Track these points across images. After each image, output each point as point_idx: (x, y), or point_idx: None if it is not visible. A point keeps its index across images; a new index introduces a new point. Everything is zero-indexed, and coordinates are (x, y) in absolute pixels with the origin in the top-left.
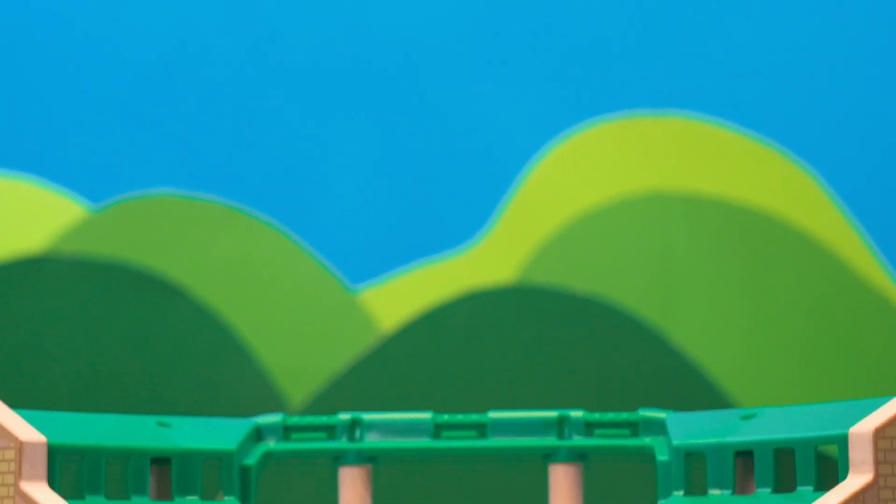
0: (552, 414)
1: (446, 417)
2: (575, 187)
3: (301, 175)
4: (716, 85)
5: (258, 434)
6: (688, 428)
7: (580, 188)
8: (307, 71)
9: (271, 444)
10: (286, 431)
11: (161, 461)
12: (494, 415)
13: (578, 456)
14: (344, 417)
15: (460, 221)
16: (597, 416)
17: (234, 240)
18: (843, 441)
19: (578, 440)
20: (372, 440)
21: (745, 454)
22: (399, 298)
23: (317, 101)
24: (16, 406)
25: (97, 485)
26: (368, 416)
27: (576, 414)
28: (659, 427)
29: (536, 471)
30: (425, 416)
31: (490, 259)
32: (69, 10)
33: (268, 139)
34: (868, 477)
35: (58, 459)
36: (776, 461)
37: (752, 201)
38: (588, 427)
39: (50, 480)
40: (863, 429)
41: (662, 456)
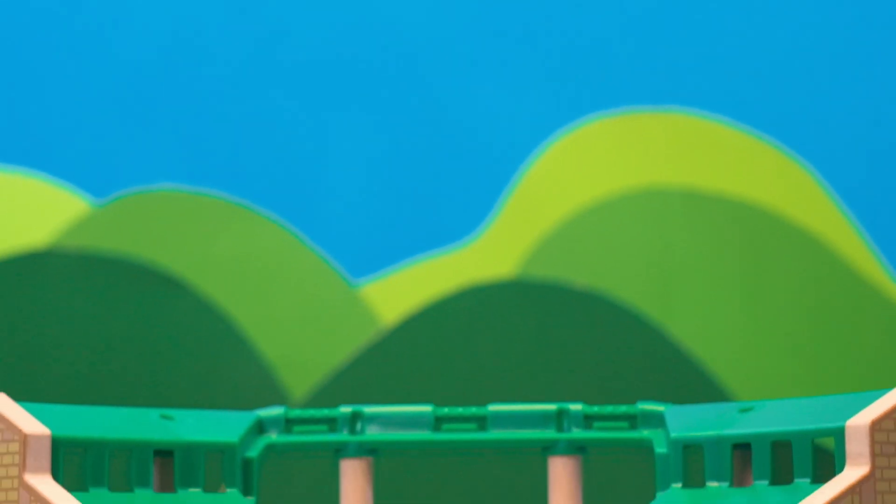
0: (551, 407)
1: (447, 410)
2: (574, 182)
3: (303, 170)
4: (714, 81)
5: (260, 427)
6: (686, 421)
7: (580, 183)
8: (309, 67)
9: (273, 437)
10: (288, 424)
11: (164, 454)
12: (494, 408)
13: (577, 448)
14: (345, 410)
15: (461, 216)
16: (596, 409)
17: (237, 234)
18: (840, 434)
19: (577, 433)
20: (373, 433)
21: (743, 447)
22: (400, 292)
23: (319, 97)
24: (20, 399)
25: (101, 477)
26: (369, 409)
27: (575, 407)
28: (657, 420)
29: (536, 463)
30: (426, 409)
31: (490, 253)
32: (72, 7)
33: (270, 135)
34: (864, 469)
35: (61, 452)
36: (773, 453)
37: (750, 197)
38: (587, 420)
39: (54, 473)
40: (859, 421)
41: (661, 448)
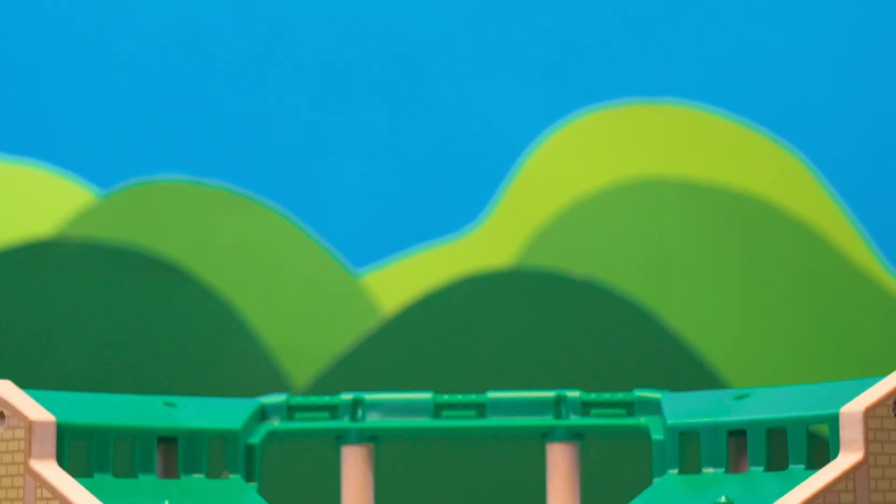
0: (550, 394)
1: (446, 397)
2: (572, 173)
3: (305, 162)
4: (711, 73)
5: (262, 414)
6: (682, 408)
7: (577, 174)
8: (311, 60)
9: (275, 424)
10: (290, 411)
11: (167, 440)
12: (493, 395)
13: (575, 435)
14: (346, 397)
15: (460, 207)
16: (593, 397)
17: (240, 224)
18: (834, 420)
19: (575, 420)
20: (374, 420)
21: (739, 433)
22: (400, 282)
23: (320, 90)
24: (25, 386)
25: (105, 463)
26: (370, 397)
27: (573, 394)
28: (654, 407)
29: (534, 449)
30: (426, 397)
31: (489, 243)
32: (75, 1)
33: (272, 126)
34: (858, 455)
35: (66, 438)
36: (769, 440)
37: (746, 187)
38: (585, 407)
39: (59, 459)
40: (853, 408)
41: (657, 435)
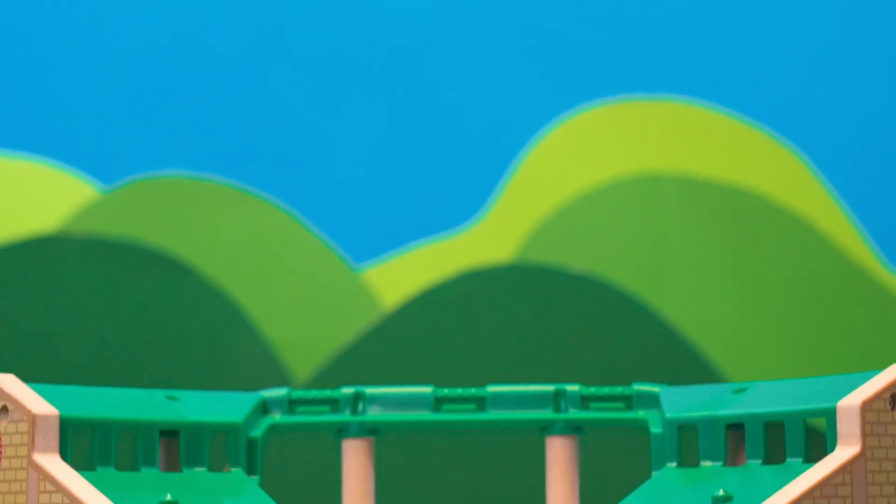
0: (549, 388)
1: (446, 391)
2: (571, 169)
3: (306, 158)
4: (709, 70)
5: (264, 407)
6: (680, 401)
7: (576, 170)
8: (312, 56)
9: (277, 417)
10: (291, 405)
11: (170, 433)
12: (493, 389)
13: (574, 428)
14: (347, 391)
15: (460, 202)
16: (592, 390)
17: (241, 220)
18: (832, 414)
19: (574, 413)
20: (374, 413)
21: (736, 427)
22: (401, 276)
23: (321, 86)
24: (29, 380)
25: (108, 456)
26: (371, 390)
27: (572, 388)
28: (652, 401)
29: (534, 443)
30: (426, 390)
31: (489, 239)
32: None
33: (274, 122)
34: (855, 449)
35: (69, 432)
36: (766, 434)
37: (744, 183)
38: (584, 401)
39: (62, 452)
40: (850, 402)
41: (656, 428)
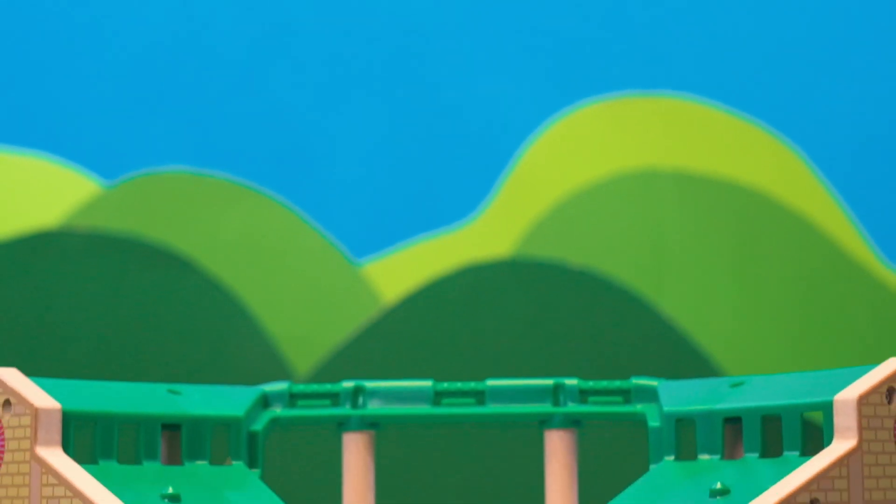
0: (548, 382)
1: (446, 385)
2: (570, 165)
3: (307, 153)
4: (707, 66)
5: (265, 401)
6: (678, 395)
7: (575, 166)
8: (313, 53)
9: (278, 411)
10: (292, 399)
11: (171, 427)
12: (492, 383)
13: (573, 422)
14: (347, 385)
15: (459, 198)
16: (591, 384)
17: (243, 215)
18: (828, 408)
19: (573, 407)
20: (374, 407)
21: (734, 420)
22: (400, 271)
23: (322, 83)
24: (31, 374)
25: (110, 450)
26: (371, 384)
27: (570, 382)
28: (651, 394)
29: (532, 436)
30: (426, 384)
31: (488, 234)
32: None
33: (275, 119)
34: (852, 442)
35: (72, 425)
36: (763, 427)
37: (741, 178)
38: (582, 394)
39: (64, 445)
40: (847, 396)
41: (654, 422)
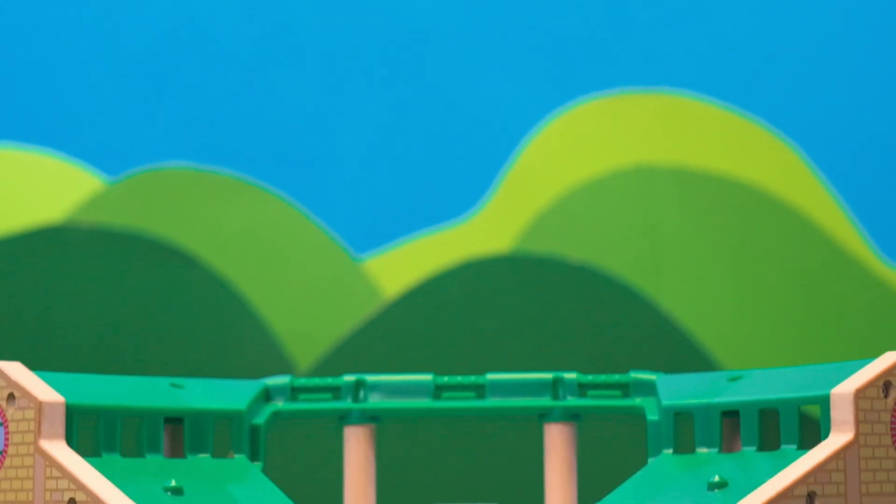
0: (547, 376)
1: (446, 379)
2: (569, 161)
3: (309, 149)
4: (705, 63)
5: (267, 395)
6: (677, 389)
7: (574, 162)
8: (314, 49)
9: (279, 405)
10: (293, 392)
11: (174, 420)
12: (492, 376)
13: (572, 416)
14: (349, 379)
15: (460, 194)
16: (590, 378)
17: (245, 210)
18: (826, 402)
19: (572, 401)
20: (375, 401)
21: (732, 414)
22: (401, 266)
23: (323, 78)
24: (35, 368)
25: (113, 443)
26: (372, 378)
27: (570, 376)
28: (649, 388)
29: (532, 429)
30: (426, 378)
31: (488, 229)
32: None
33: (277, 115)
34: (849, 436)
35: (75, 419)
36: (761, 421)
37: (738, 174)
38: (581, 388)
39: (68, 439)
40: (844, 390)
41: (652, 416)
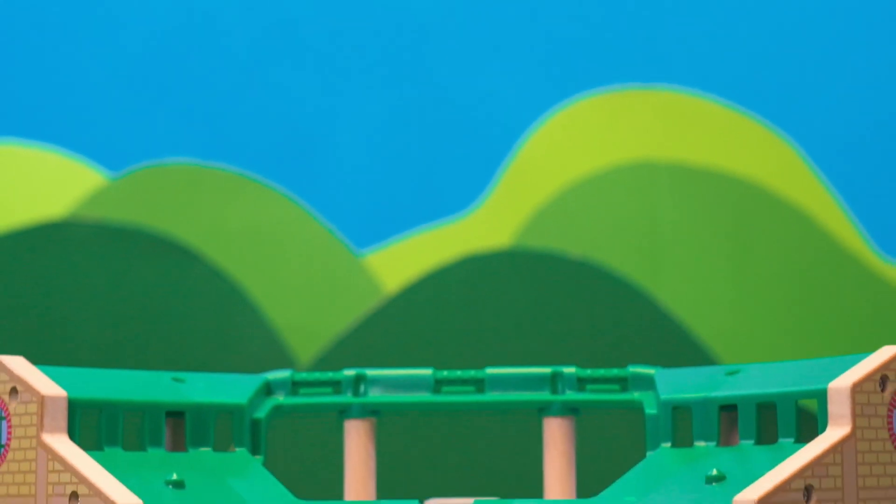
0: (546, 370)
1: (446, 373)
2: (569, 156)
3: (310, 145)
4: (703, 60)
5: (268, 389)
6: (675, 383)
7: (574, 157)
8: (315, 44)
9: (280, 399)
10: (294, 386)
11: (176, 414)
12: (492, 371)
13: (571, 410)
14: (349, 373)
15: (460, 189)
16: (588, 373)
17: (246, 206)
18: (823, 395)
19: (571, 395)
20: (375, 395)
21: (730, 408)
22: (402, 262)
23: (324, 74)
24: (38, 363)
25: (115, 437)
26: (372, 372)
27: (569, 370)
28: (647, 382)
29: (531, 423)
30: (426, 372)
31: (488, 224)
32: None
33: (278, 110)
34: (846, 429)
35: (77, 413)
36: (759, 414)
37: (736, 170)
38: (580, 382)
39: (70, 432)
40: (841, 384)
41: (651, 410)
